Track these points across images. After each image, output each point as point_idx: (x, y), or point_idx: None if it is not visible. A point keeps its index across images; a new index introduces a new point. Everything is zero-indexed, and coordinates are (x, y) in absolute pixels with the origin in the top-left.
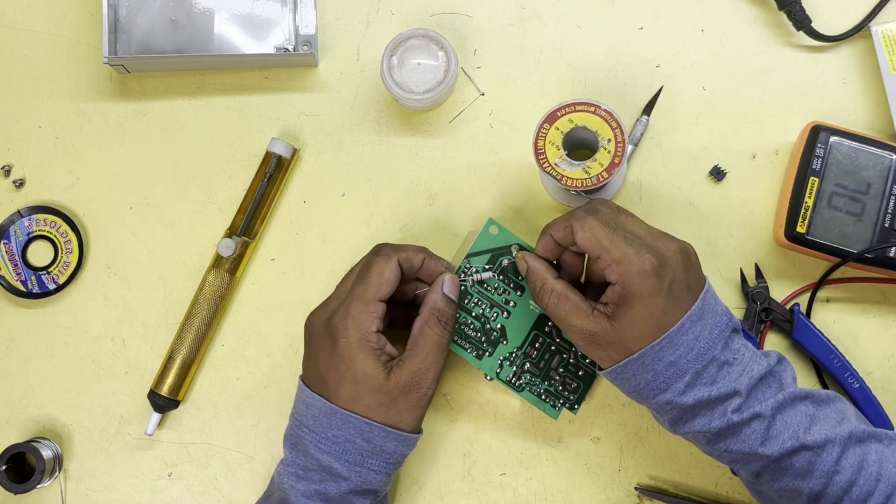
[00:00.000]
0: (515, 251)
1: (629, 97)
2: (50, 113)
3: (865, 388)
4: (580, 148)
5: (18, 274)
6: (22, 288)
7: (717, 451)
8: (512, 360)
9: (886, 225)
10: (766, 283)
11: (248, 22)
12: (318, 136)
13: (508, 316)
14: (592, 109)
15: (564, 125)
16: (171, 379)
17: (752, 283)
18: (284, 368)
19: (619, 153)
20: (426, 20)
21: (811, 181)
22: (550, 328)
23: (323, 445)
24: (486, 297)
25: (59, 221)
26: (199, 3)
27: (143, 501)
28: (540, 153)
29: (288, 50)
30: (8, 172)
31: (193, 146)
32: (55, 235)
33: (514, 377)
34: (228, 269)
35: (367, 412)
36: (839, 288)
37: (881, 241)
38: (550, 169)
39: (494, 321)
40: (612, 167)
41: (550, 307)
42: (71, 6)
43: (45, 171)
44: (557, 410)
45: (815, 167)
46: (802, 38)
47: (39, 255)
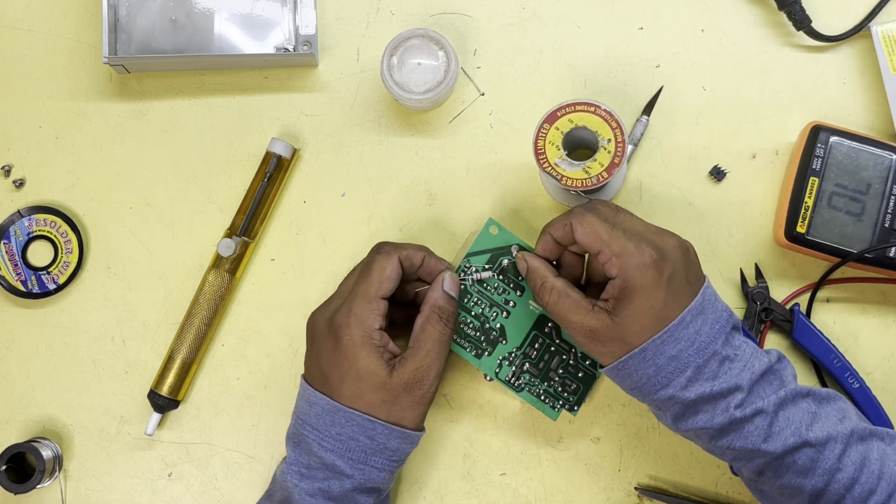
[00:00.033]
0: (515, 251)
1: (629, 97)
2: (50, 113)
3: (865, 388)
4: (580, 148)
5: (18, 274)
6: (22, 288)
7: (719, 448)
8: (511, 359)
9: (886, 225)
10: (766, 283)
11: (248, 22)
12: (318, 136)
13: (508, 316)
14: (592, 109)
15: (564, 125)
16: (171, 379)
17: (752, 283)
18: (284, 368)
19: (619, 153)
20: (426, 20)
21: (811, 181)
22: (550, 329)
23: (326, 443)
24: (485, 296)
25: (59, 221)
26: (199, 3)
27: (143, 501)
28: (540, 153)
29: (288, 50)
30: (8, 172)
31: (193, 146)
32: (55, 235)
33: (513, 377)
34: (228, 269)
35: (370, 409)
36: (839, 288)
37: (881, 241)
38: (550, 169)
39: (494, 321)
40: (612, 167)
41: (551, 305)
42: (71, 6)
43: (45, 171)
44: (557, 411)
45: (815, 167)
46: (802, 38)
47: (39, 255)
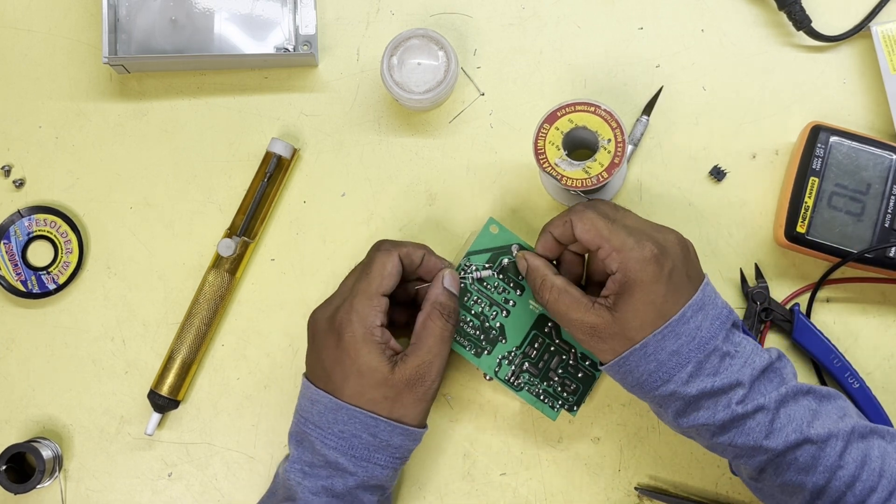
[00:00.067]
0: (515, 250)
1: (629, 97)
2: (50, 113)
3: (865, 388)
4: (580, 148)
5: (18, 274)
6: (22, 288)
7: (720, 445)
8: (511, 359)
9: (886, 225)
10: (766, 283)
11: (248, 22)
12: (318, 136)
13: (508, 315)
14: (592, 109)
15: (564, 125)
16: (171, 379)
17: (752, 283)
18: (284, 368)
19: (619, 153)
20: (426, 20)
21: (811, 181)
22: (550, 329)
23: (329, 441)
24: (485, 295)
25: (59, 221)
26: (199, 3)
27: (143, 501)
28: (540, 153)
29: (288, 50)
30: (8, 172)
31: (193, 146)
32: (55, 235)
33: (512, 376)
34: (228, 269)
35: (372, 406)
36: (839, 288)
37: (881, 241)
38: (550, 169)
39: (494, 320)
40: (612, 167)
41: (550, 303)
42: (71, 6)
43: (45, 171)
44: (556, 411)
45: (815, 167)
46: (802, 38)
47: (39, 255)
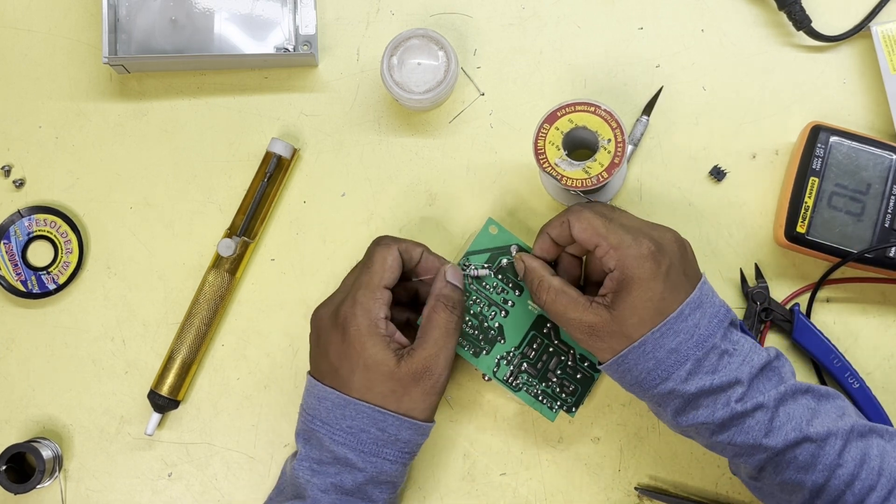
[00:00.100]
0: (514, 251)
1: (629, 97)
2: (50, 113)
3: (865, 388)
4: (580, 148)
5: (18, 274)
6: (22, 288)
7: (720, 444)
8: (509, 359)
9: (886, 225)
10: (766, 283)
11: (248, 22)
12: (318, 136)
13: (507, 315)
14: (592, 109)
15: (564, 125)
16: (171, 379)
17: (752, 283)
18: (284, 368)
19: (619, 153)
20: (426, 20)
21: (811, 181)
22: (549, 329)
23: (337, 437)
24: (484, 295)
25: (59, 221)
26: (199, 3)
27: (143, 501)
28: (540, 153)
29: (288, 50)
30: (8, 172)
31: (193, 146)
32: (55, 235)
33: (510, 377)
34: (228, 269)
35: (380, 401)
36: (839, 288)
37: (881, 241)
38: (550, 169)
39: (492, 320)
40: (612, 167)
41: (548, 303)
42: (71, 6)
43: (45, 171)
44: (554, 412)
45: (815, 167)
46: (802, 38)
47: (39, 255)
